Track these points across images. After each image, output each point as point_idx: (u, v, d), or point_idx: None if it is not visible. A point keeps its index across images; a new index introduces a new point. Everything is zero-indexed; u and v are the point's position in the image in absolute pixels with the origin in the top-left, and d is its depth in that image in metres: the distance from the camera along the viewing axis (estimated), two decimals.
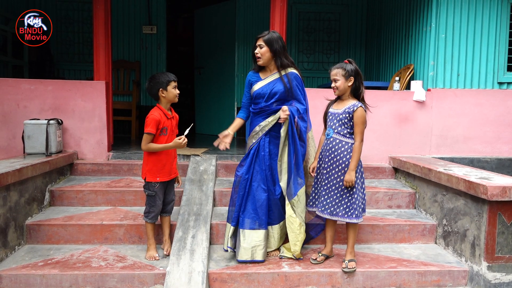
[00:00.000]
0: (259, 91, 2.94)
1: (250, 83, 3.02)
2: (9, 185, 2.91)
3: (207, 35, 6.73)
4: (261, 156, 2.92)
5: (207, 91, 6.76)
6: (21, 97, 4.05)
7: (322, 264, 2.92)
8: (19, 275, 2.65)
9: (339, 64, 2.81)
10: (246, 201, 2.89)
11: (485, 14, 4.42)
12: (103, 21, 4.19)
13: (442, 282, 2.91)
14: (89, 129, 4.18)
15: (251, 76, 3.04)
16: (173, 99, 2.90)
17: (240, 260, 2.86)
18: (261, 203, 2.89)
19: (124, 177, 4.01)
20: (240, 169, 2.97)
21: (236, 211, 2.91)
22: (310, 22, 6.73)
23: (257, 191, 2.89)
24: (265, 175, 2.92)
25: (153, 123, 2.80)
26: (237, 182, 2.96)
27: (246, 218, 2.88)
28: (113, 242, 3.18)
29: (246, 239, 2.86)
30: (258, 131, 2.93)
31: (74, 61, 6.49)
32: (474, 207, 2.93)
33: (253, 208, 2.88)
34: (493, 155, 4.46)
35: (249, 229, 2.87)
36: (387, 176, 4.23)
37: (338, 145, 2.78)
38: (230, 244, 2.92)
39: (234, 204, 2.95)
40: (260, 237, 2.88)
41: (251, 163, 2.92)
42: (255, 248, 2.87)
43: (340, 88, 2.78)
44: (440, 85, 4.44)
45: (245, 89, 3.07)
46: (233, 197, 2.98)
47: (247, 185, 2.90)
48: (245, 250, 2.85)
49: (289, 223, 2.92)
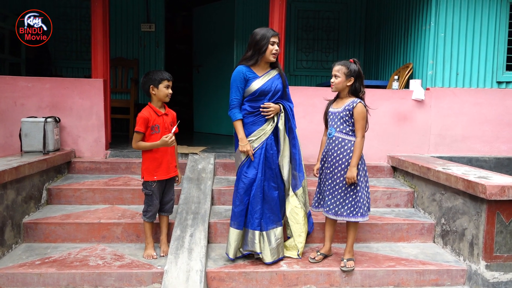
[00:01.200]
0: (263, 88, 2.85)
1: (247, 79, 2.85)
2: (6, 183, 2.90)
3: (205, 33, 6.71)
4: (270, 155, 2.88)
5: (206, 89, 6.74)
6: (18, 95, 4.03)
7: (320, 263, 2.91)
8: (16, 274, 2.64)
9: (344, 61, 2.78)
10: (263, 203, 2.85)
11: (484, 13, 4.42)
12: (101, 18, 4.17)
13: (441, 281, 2.90)
14: (86, 127, 4.16)
15: (247, 71, 2.86)
16: (163, 98, 2.87)
17: (269, 262, 2.82)
18: (275, 201, 2.89)
19: (122, 175, 3.99)
20: (249, 171, 2.83)
21: (259, 216, 2.81)
22: (309, 20, 6.71)
23: (270, 190, 2.87)
24: (275, 173, 2.91)
25: (141, 121, 2.79)
26: (248, 184, 2.82)
27: (265, 220, 2.85)
28: (111, 240, 3.16)
29: (271, 240, 2.85)
30: (260, 135, 2.86)
31: (72, 59, 6.47)
32: (473, 206, 2.93)
33: (268, 208, 2.86)
34: (491, 154, 4.46)
35: (271, 229, 2.86)
36: (386, 175, 4.22)
37: (340, 144, 2.77)
38: (259, 249, 2.81)
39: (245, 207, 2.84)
40: (280, 234, 2.89)
41: (261, 163, 2.84)
42: (278, 246, 2.88)
43: (338, 86, 2.77)
44: (439, 84, 4.44)
45: (236, 85, 2.85)
46: (244, 200, 2.83)
47: (263, 187, 2.85)
48: (273, 250, 2.84)
49: (294, 214, 2.94)
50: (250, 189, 2.83)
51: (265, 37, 2.81)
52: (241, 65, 2.90)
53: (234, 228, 2.84)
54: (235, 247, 2.85)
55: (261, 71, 2.92)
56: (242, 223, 2.85)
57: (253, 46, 2.85)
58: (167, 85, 2.85)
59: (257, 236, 2.81)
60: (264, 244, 2.84)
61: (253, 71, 2.89)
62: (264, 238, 2.84)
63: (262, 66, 2.92)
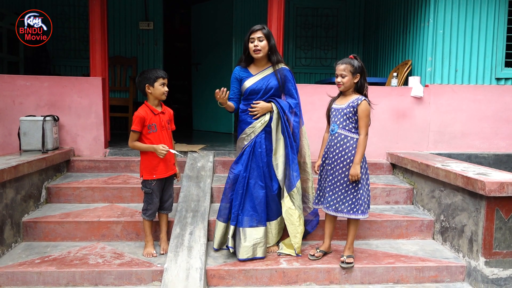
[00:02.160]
0: (253, 86, 2.89)
1: (240, 79, 2.95)
2: (5, 182, 2.89)
3: (204, 31, 6.69)
4: (258, 153, 2.89)
5: (204, 87, 6.73)
6: (17, 94, 4.02)
7: (320, 260, 2.91)
8: (15, 272, 2.64)
9: (346, 59, 2.76)
10: (244, 199, 2.87)
11: (483, 9, 4.41)
12: (99, 16, 4.16)
13: (440, 278, 2.91)
14: (85, 126, 4.16)
15: (240, 71, 2.96)
16: (159, 96, 2.86)
17: (241, 259, 2.84)
18: (260, 200, 2.87)
19: (121, 173, 3.99)
20: (236, 167, 2.92)
21: (236, 210, 2.87)
22: (307, 17, 6.71)
23: (255, 188, 2.87)
24: (263, 171, 2.91)
25: (137, 121, 2.80)
26: (232, 179, 2.91)
27: (245, 217, 2.86)
28: (111, 239, 3.16)
29: (247, 238, 2.84)
30: (250, 133, 2.89)
31: (70, 57, 6.45)
32: (472, 203, 2.93)
33: (251, 206, 2.86)
34: (490, 151, 4.47)
35: (249, 227, 2.85)
36: (385, 172, 4.23)
37: (343, 141, 2.76)
38: (231, 244, 2.87)
39: (230, 202, 2.91)
40: (260, 234, 2.87)
41: (248, 160, 2.88)
42: (256, 245, 2.86)
43: (346, 84, 2.75)
44: (438, 81, 4.44)
45: (232, 85, 2.99)
46: (228, 195, 2.93)
47: (245, 183, 2.87)
48: (246, 248, 2.84)
49: (288, 216, 2.93)
50: (235, 185, 2.89)
51: (247, 36, 2.86)
52: (237, 65, 3.01)
53: (220, 221, 2.95)
54: (219, 239, 2.96)
55: (257, 69, 2.94)
56: (227, 217, 2.93)
57: (243, 47, 2.93)
58: (162, 83, 2.84)
59: (231, 231, 2.87)
60: (240, 240, 2.85)
61: (247, 70, 2.94)
62: (240, 234, 2.85)
63: (258, 64, 2.93)
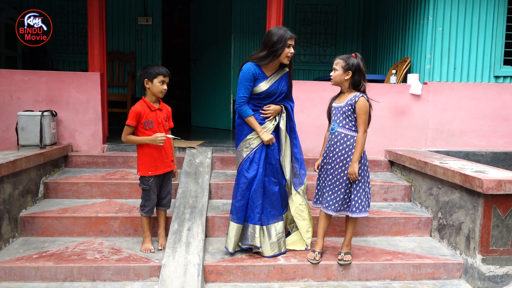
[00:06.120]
0: (270, 89, 2.82)
1: (255, 78, 2.78)
2: (3, 177, 2.89)
3: (203, 27, 6.67)
4: (271, 150, 2.88)
5: (203, 83, 6.72)
6: (15, 88, 4.01)
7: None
8: (13, 267, 2.64)
9: (345, 55, 2.75)
10: (263, 198, 2.87)
11: (482, 7, 4.41)
12: (97, 11, 4.14)
13: (437, 275, 2.92)
14: (83, 121, 4.15)
15: (256, 69, 2.78)
16: (157, 94, 2.84)
17: (269, 256, 2.86)
18: (276, 196, 2.90)
19: (119, 169, 3.99)
20: (251, 166, 2.83)
21: (259, 210, 2.83)
22: (307, 14, 6.69)
23: (270, 185, 2.89)
24: (275, 168, 2.91)
25: (133, 115, 2.78)
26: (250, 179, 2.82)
27: (266, 215, 2.87)
28: (108, 234, 3.16)
29: (271, 234, 2.87)
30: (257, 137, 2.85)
31: (68, 52, 6.43)
32: (470, 200, 2.94)
33: (269, 202, 2.88)
34: (488, 148, 4.48)
35: (272, 223, 2.88)
36: (383, 169, 4.23)
37: (343, 139, 2.75)
38: (258, 243, 2.83)
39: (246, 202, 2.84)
40: (282, 228, 2.92)
41: (261, 159, 2.85)
42: (279, 240, 2.90)
43: (336, 79, 2.76)
44: (437, 79, 4.44)
45: (245, 83, 2.76)
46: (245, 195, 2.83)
47: (263, 182, 2.86)
48: (273, 244, 2.87)
49: (299, 212, 2.97)
50: (251, 184, 2.84)
51: (282, 40, 2.72)
52: (252, 62, 2.79)
53: (235, 222, 2.84)
54: (235, 241, 2.85)
55: (270, 71, 2.85)
56: (243, 218, 2.85)
57: (268, 47, 2.75)
58: (162, 81, 2.81)
59: (257, 231, 2.83)
60: (264, 238, 2.86)
61: (262, 70, 2.82)
62: (265, 233, 2.87)
63: (271, 66, 2.85)
